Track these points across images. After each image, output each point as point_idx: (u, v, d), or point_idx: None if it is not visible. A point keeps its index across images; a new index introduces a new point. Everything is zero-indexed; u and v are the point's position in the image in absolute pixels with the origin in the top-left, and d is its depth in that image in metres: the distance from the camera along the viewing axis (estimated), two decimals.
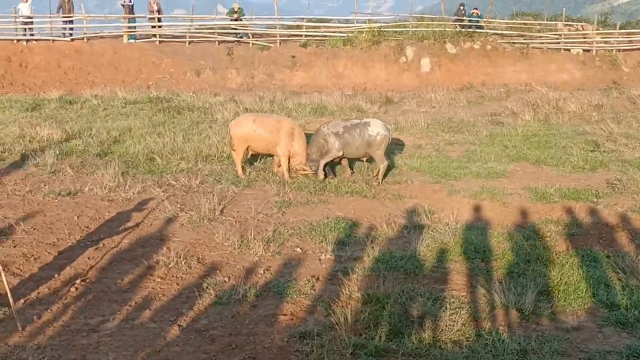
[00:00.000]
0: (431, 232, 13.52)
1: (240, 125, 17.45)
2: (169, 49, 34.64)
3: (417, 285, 11.22)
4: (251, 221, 14.44)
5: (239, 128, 17.43)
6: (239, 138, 17.38)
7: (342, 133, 17.42)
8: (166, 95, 28.97)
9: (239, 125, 17.52)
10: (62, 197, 15.53)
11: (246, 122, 17.45)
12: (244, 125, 17.40)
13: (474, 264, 12.16)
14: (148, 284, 11.40)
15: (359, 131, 17.42)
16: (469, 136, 22.23)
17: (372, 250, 12.60)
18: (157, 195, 15.94)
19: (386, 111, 27.04)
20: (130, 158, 18.80)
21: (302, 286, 11.26)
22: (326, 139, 17.41)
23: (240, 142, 17.39)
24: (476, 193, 16.23)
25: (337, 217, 14.55)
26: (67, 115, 24.76)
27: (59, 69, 32.77)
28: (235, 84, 33.45)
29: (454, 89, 31.88)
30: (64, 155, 18.90)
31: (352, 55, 35.11)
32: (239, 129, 17.40)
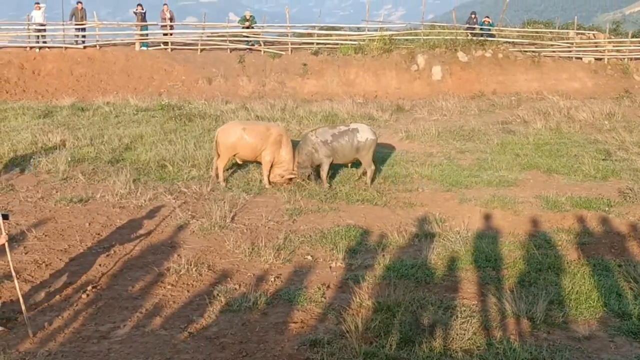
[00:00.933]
0: (442, 241, 13.49)
1: (229, 133, 17.27)
2: (181, 57, 34.74)
3: (428, 293, 11.19)
4: (262, 229, 14.44)
5: (228, 136, 17.25)
6: (228, 146, 17.22)
7: (331, 141, 17.50)
8: (178, 103, 29.03)
9: (227, 133, 17.32)
10: (73, 204, 15.57)
11: (235, 130, 17.30)
12: (233, 133, 17.23)
13: (485, 272, 12.12)
14: (159, 291, 11.41)
15: (348, 138, 17.54)
16: (480, 144, 22.19)
17: (383, 258, 12.58)
18: (168, 203, 15.96)
19: (397, 119, 27.03)
20: (142, 165, 18.83)
21: (313, 294, 11.25)
22: (316, 148, 17.46)
23: (228, 150, 17.25)
24: (487, 201, 16.19)
25: (348, 225, 14.53)
26: (79, 122, 24.84)
27: (71, 76, 32.90)
28: (247, 91, 33.50)
29: (465, 97, 31.86)
30: (75, 162, 18.96)
31: (363, 63, 35.14)
32: (229, 137, 17.22)
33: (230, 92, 33.09)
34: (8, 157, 19.14)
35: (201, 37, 36.36)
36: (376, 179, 17.96)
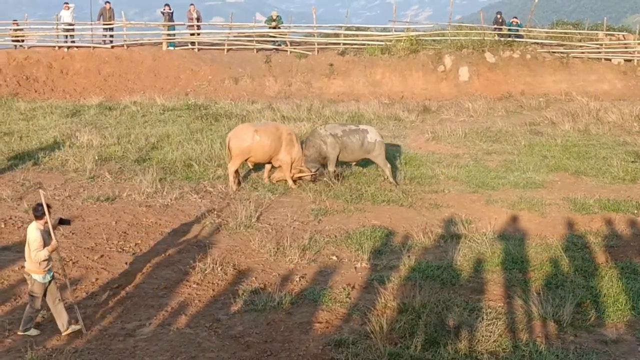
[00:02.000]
0: (468, 242, 13.45)
1: (242, 137, 17.04)
2: (207, 57, 34.84)
3: (453, 295, 11.17)
4: (287, 229, 14.47)
5: (241, 140, 17.01)
6: (242, 150, 16.98)
7: (340, 135, 17.55)
8: (204, 103, 29.12)
9: (240, 136, 17.09)
10: (100, 203, 15.69)
11: (248, 133, 17.07)
12: (246, 136, 17.01)
13: (512, 274, 12.07)
14: (184, 290, 11.48)
15: (358, 137, 17.65)
16: (507, 146, 22.08)
17: (408, 259, 12.57)
18: (194, 202, 16.03)
19: (424, 120, 26.97)
20: (168, 164, 18.92)
21: (338, 294, 11.26)
22: (325, 140, 17.50)
23: (243, 153, 17.02)
24: (514, 203, 16.12)
25: (374, 226, 14.53)
26: (107, 122, 25.00)
27: (99, 75, 33.11)
28: (273, 91, 33.54)
29: (492, 98, 31.68)
30: (102, 161, 19.09)
31: (389, 63, 35.06)
32: (242, 141, 16.99)
33: (257, 92, 33.14)
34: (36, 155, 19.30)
35: (228, 37, 36.43)
36: (401, 180, 17.92)
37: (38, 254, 9.61)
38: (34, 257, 9.65)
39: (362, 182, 17.81)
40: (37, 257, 9.62)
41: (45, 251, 9.64)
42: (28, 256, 9.80)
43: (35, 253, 9.63)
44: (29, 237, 9.74)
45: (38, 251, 9.63)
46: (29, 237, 9.74)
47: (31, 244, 9.69)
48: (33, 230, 9.75)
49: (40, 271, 9.79)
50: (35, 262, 9.71)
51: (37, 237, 9.68)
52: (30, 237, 9.73)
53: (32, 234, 9.71)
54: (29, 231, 9.81)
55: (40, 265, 9.75)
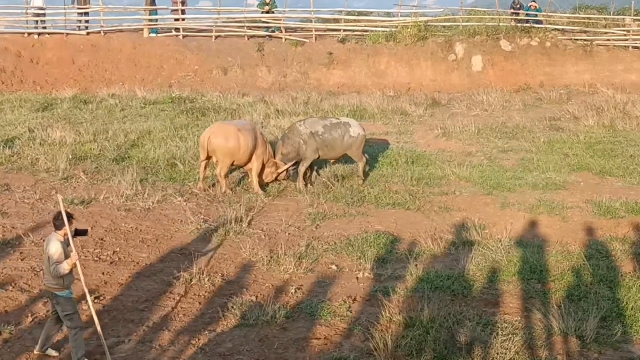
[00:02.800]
0: (482, 250, 13.46)
1: (227, 137, 16.84)
2: (193, 45, 34.86)
3: (465, 308, 11.18)
4: (282, 235, 14.47)
5: (226, 140, 16.82)
6: (230, 151, 16.82)
7: (322, 133, 17.59)
8: (190, 95, 29.14)
9: (224, 136, 16.86)
10: (75, 206, 15.66)
11: (232, 132, 16.92)
12: (231, 136, 16.83)
13: (530, 285, 12.08)
14: (168, 303, 11.47)
15: (340, 132, 17.70)
16: (525, 143, 22.10)
17: (415, 268, 12.57)
18: (179, 205, 16.03)
19: (433, 115, 26.99)
20: (150, 164, 18.92)
21: (338, 307, 11.26)
22: (305, 140, 17.52)
23: (231, 155, 16.88)
24: (533, 207, 16.13)
25: (377, 232, 14.54)
26: (82, 116, 25.00)
27: (73, 65, 33.09)
28: (266, 83, 33.56)
29: (508, 90, 31.72)
30: (77, 160, 19.08)
31: (395, 52, 35.08)
32: (227, 142, 16.81)
33: (248, 83, 33.15)
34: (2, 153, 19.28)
35: (216, 23, 36.44)
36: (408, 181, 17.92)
37: (58, 268, 9.39)
38: (54, 272, 9.42)
39: (364, 184, 17.82)
40: (57, 271, 9.40)
41: (65, 264, 9.41)
42: (48, 272, 9.59)
43: (54, 267, 9.40)
44: (49, 249, 9.51)
45: (58, 265, 9.41)
46: (49, 250, 9.51)
47: (50, 257, 9.47)
48: (53, 242, 9.54)
49: (62, 288, 9.58)
50: (58, 278, 9.48)
51: (58, 249, 9.46)
52: (49, 249, 9.50)
53: (52, 246, 9.49)
54: (47, 244, 9.62)
55: (64, 282, 9.54)
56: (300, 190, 17.32)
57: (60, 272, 9.42)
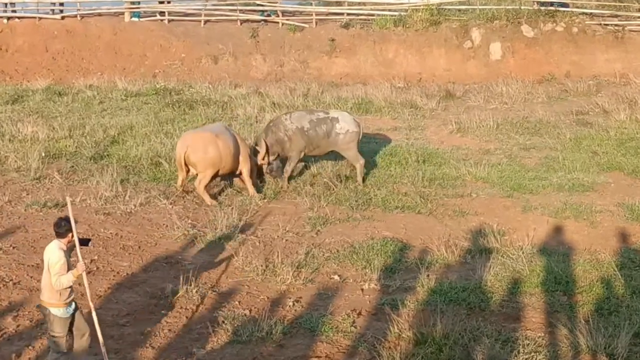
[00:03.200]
0: (501, 258, 13.45)
1: (204, 147, 16.48)
2: (180, 30, 34.88)
3: (482, 323, 11.18)
4: (278, 241, 14.48)
5: (204, 151, 16.46)
6: (212, 161, 16.52)
7: (307, 129, 17.72)
8: (176, 87, 29.16)
9: (201, 147, 16.47)
10: (48, 209, 15.67)
11: (209, 140, 16.58)
12: (210, 145, 16.50)
13: (554, 297, 12.08)
14: (151, 317, 11.47)
15: (325, 127, 17.79)
16: (548, 140, 22.09)
17: (427, 279, 12.57)
18: (164, 209, 16.04)
19: (446, 108, 26.99)
20: (132, 162, 18.92)
21: (341, 322, 11.26)
22: (290, 137, 17.62)
23: (213, 165, 16.57)
24: (557, 210, 16.13)
25: (384, 238, 14.54)
26: (56, 110, 25.00)
27: (46, 53, 33.12)
28: (261, 73, 33.58)
29: (530, 81, 31.69)
30: (50, 158, 19.06)
31: (404, 38, 35.08)
32: (205, 152, 16.46)
33: (241, 73, 33.17)
34: None
35: (205, 6, 36.46)
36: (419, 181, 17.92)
37: (60, 280, 9.24)
38: (55, 284, 9.26)
39: (370, 184, 17.83)
40: (60, 284, 9.26)
41: (70, 275, 9.27)
42: (47, 284, 9.43)
43: (56, 278, 9.24)
44: (50, 259, 9.37)
45: (60, 276, 9.25)
46: (50, 259, 9.36)
47: (52, 266, 9.30)
48: (54, 250, 9.40)
49: (61, 303, 9.43)
50: (55, 292, 9.34)
51: (61, 258, 9.31)
52: (51, 258, 9.35)
53: (54, 255, 9.34)
54: (48, 252, 9.48)
55: (62, 296, 9.40)
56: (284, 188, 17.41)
57: (64, 284, 9.30)
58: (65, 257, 9.37)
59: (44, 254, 9.59)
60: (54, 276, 9.27)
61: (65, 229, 9.43)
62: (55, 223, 9.59)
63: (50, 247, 9.49)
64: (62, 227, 9.45)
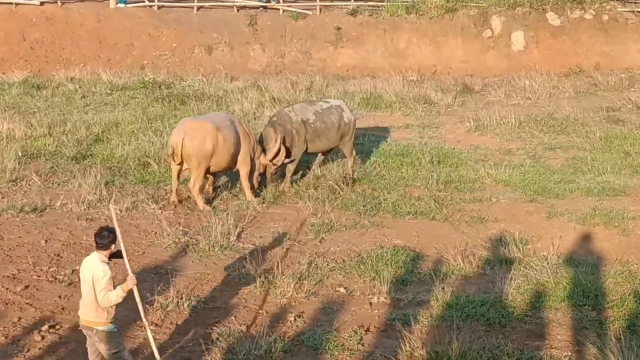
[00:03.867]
0: (523, 269, 13.46)
1: (202, 137, 16.33)
2: (170, 17, 34.88)
3: (503, 340, 11.18)
4: (278, 250, 14.49)
5: (201, 141, 16.31)
6: (205, 154, 16.35)
7: (313, 121, 17.85)
8: (166, 79, 29.17)
9: (199, 136, 16.34)
10: (25, 215, 15.68)
11: (209, 131, 16.46)
12: (208, 135, 16.38)
13: (582, 312, 12.08)
14: (138, 333, 11.48)
15: (334, 118, 18.04)
16: (576, 138, 22.10)
17: (442, 292, 12.57)
18: (152, 214, 16.04)
19: (463, 103, 26.99)
20: (117, 163, 18.92)
21: (347, 339, 11.27)
22: (297, 129, 17.68)
23: (206, 159, 16.43)
24: (586, 216, 16.12)
25: (395, 247, 14.54)
26: (34, 105, 25.01)
27: (23, 42, 33.12)
28: (260, 64, 33.59)
29: (556, 74, 31.68)
30: (28, 158, 19.07)
31: (417, 27, 35.07)
32: (203, 142, 16.31)
33: (238, 65, 33.17)
34: None
35: None
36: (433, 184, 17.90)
37: (109, 296, 9.17)
38: (103, 301, 9.17)
39: (379, 187, 17.82)
40: (108, 301, 9.18)
41: (119, 291, 9.24)
42: (90, 302, 9.31)
43: (104, 295, 9.15)
44: (94, 273, 9.24)
45: (107, 292, 9.17)
46: (95, 274, 9.23)
47: (98, 282, 9.18)
48: (97, 263, 9.31)
49: (107, 322, 9.39)
50: (102, 310, 9.26)
51: (107, 271, 9.24)
52: (95, 273, 9.22)
53: (99, 269, 9.23)
54: (89, 266, 9.37)
55: (109, 314, 9.35)
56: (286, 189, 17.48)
57: (112, 301, 9.23)
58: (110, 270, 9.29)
59: (82, 268, 9.47)
60: (100, 292, 9.16)
61: (109, 240, 9.35)
62: (97, 233, 9.45)
63: (91, 261, 9.38)
64: (106, 238, 9.36)
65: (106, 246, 9.35)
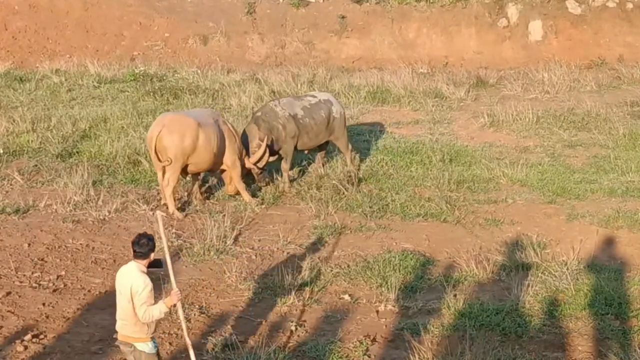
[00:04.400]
0: (541, 275, 13.45)
1: (183, 131, 16.13)
2: (163, 5, 34.94)
3: (519, 351, 11.18)
4: (278, 254, 14.50)
5: (181, 135, 16.10)
6: (183, 151, 16.11)
7: (302, 116, 17.92)
8: (158, 72, 29.19)
9: (179, 131, 16.13)
10: (6, 216, 15.69)
11: (190, 126, 16.25)
12: (189, 130, 16.18)
13: (604, 322, 12.07)
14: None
15: (323, 112, 18.18)
16: (598, 135, 22.10)
17: (453, 299, 12.57)
18: (143, 216, 16.05)
19: (477, 98, 27.00)
20: (106, 161, 18.94)
21: (352, 350, 11.28)
22: (284, 124, 17.67)
23: (184, 156, 16.18)
24: (608, 219, 16.12)
25: (404, 251, 14.54)
26: (16, 99, 25.04)
27: (4, 31, 33.18)
28: (259, 55, 33.64)
29: (577, 66, 31.69)
30: (10, 156, 19.10)
31: (428, 15, 35.12)
32: (182, 137, 16.09)
33: (235, 56, 33.22)
34: None
35: None
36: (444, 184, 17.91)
37: (151, 311, 8.94)
38: (144, 316, 8.93)
39: (386, 187, 17.82)
40: (150, 316, 8.96)
41: (162, 306, 9.01)
42: (129, 316, 9.05)
43: (145, 309, 8.90)
44: (133, 285, 8.97)
45: (148, 305, 8.93)
46: (133, 286, 8.95)
47: (137, 295, 8.92)
48: (136, 274, 9.02)
49: (147, 337, 9.16)
50: (142, 324, 9.03)
51: (147, 283, 8.96)
52: (135, 285, 8.94)
53: (138, 281, 8.96)
54: (127, 277, 9.07)
55: (149, 328, 9.13)
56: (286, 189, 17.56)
57: (154, 316, 9.01)
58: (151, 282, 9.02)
59: (118, 279, 9.18)
60: (141, 307, 8.90)
61: (148, 249, 9.09)
62: (136, 241, 9.14)
63: (130, 271, 9.09)
64: (145, 246, 9.09)
65: (145, 255, 9.08)
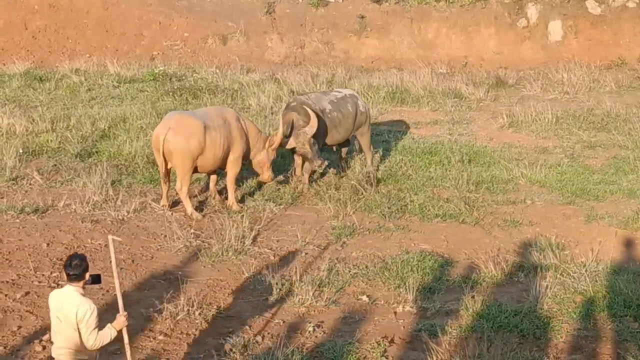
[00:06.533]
0: (560, 277, 13.41)
1: (190, 132, 15.95)
2: (182, 4, 34.97)
3: (537, 353, 11.16)
4: (297, 255, 14.48)
5: (188, 137, 15.91)
6: (191, 153, 15.95)
7: (330, 110, 17.88)
8: (177, 71, 29.21)
9: (186, 132, 15.94)
10: (26, 216, 15.71)
11: (196, 126, 16.04)
12: (195, 133, 15.97)
13: (623, 324, 12.03)
14: (146, 343, 11.50)
15: (350, 107, 18.15)
16: (618, 136, 22.02)
17: (471, 300, 12.55)
18: (162, 216, 16.06)
19: (496, 98, 26.94)
20: (125, 161, 18.95)
21: (369, 351, 11.26)
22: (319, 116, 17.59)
23: (192, 158, 16.04)
24: (628, 220, 16.07)
25: (422, 252, 14.52)
26: (36, 98, 25.08)
27: (25, 31, 33.25)
28: (278, 55, 33.63)
29: (597, 66, 31.60)
30: (29, 156, 19.12)
31: (447, 16, 35.07)
32: (189, 138, 15.91)
33: (254, 56, 33.22)
34: None
35: None
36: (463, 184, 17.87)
37: (101, 336, 8.59)
38: (95, 342, 8.55)
39: (405, 188, 17.79)
40: (101, 341, 8.60)
41: (112, 330, 8.69)
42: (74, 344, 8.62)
43: (94, 335, 8.53)
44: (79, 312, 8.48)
45: (97, 331, 8.55)
46: (79, 313, 8.51)
47: (85, 322, 8.49)
48: (78, 299, 8.60)
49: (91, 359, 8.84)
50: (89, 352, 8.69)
51: (93, 308, 8.57)
52: (80, 311, 8.51)
53: (84, 307, 8.48)
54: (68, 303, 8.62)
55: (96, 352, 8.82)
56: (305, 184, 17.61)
57: (105, 341, 8.65)
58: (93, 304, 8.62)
59: (56, 306, 8.79)
60: (91, 334, 8.51)
61: (82, 269, 8.67)
62: (68, 263, 8.71)
63: (69, 297, 8.64)
64: (78, 268, 8.65)
65: (80, 276, 8.67)
